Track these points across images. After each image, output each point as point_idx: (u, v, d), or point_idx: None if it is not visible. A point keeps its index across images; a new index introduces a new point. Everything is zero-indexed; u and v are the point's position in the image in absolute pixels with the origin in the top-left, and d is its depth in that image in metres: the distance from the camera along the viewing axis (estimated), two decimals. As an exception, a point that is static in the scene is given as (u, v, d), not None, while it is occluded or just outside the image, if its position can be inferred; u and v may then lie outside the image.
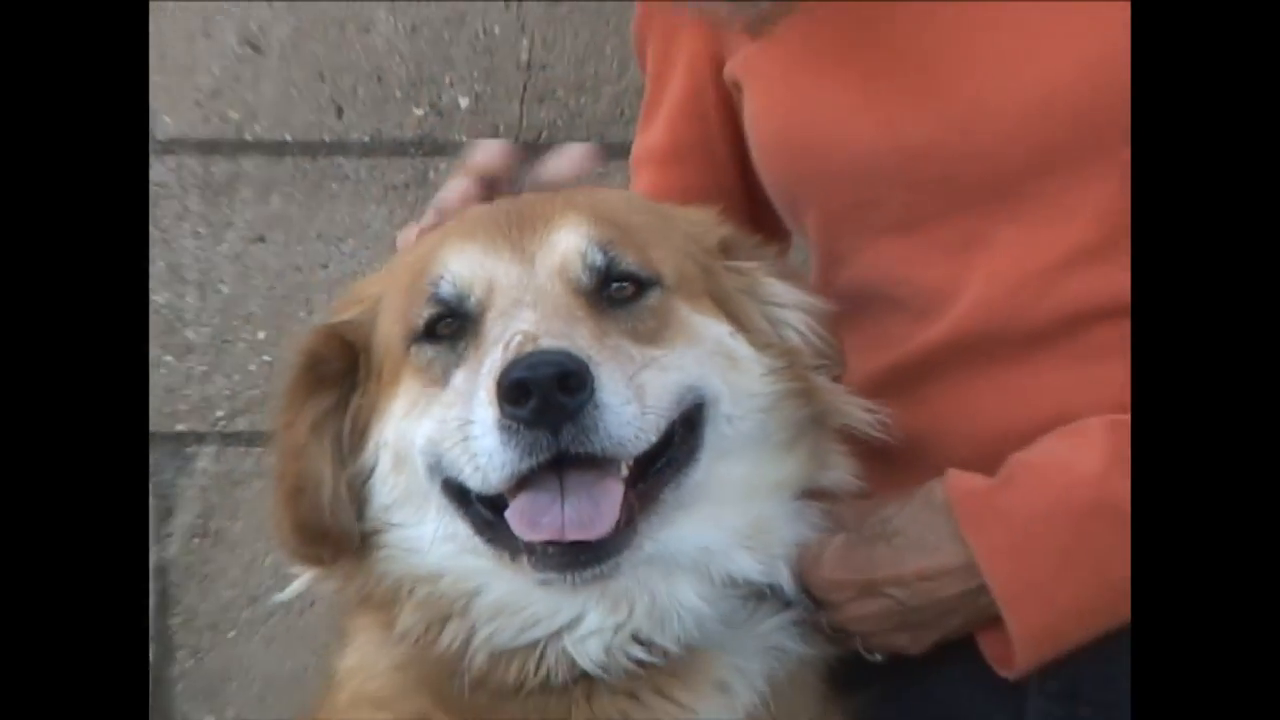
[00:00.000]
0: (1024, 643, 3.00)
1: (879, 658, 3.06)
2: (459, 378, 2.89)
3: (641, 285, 2.95)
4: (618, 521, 2.80)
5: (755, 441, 2.99)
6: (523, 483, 2.77)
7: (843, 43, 3.17)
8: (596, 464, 2.78)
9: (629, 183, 3.61)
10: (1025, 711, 3.07)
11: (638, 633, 2.89)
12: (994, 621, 2.99)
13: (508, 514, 2.80)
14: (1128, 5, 3.03)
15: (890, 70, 3.15)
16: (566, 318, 2.86)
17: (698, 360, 2.95)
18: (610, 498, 2.80)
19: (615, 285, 2.93)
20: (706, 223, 3.11)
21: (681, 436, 2.90)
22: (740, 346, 3.01)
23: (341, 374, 3.10)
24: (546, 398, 2.73)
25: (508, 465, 2.74)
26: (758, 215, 3.29)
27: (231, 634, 4.00)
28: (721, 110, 3.42)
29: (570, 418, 2.74)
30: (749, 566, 2.92)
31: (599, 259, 2.92)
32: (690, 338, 2.96)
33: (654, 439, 2.81)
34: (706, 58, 3.42)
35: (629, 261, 2.95)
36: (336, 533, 3.04)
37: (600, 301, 2.92)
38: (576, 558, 2.80)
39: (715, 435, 2.93)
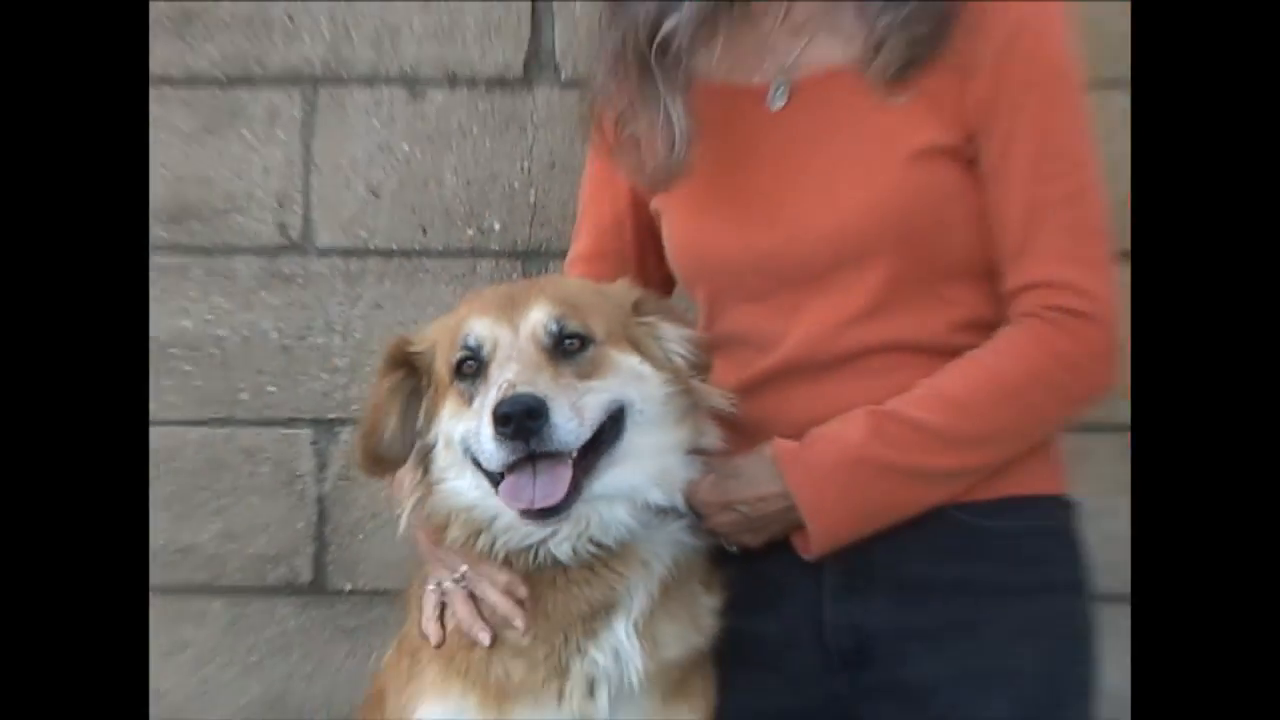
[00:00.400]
0: (816, 539, 3.08)
1: (734, 548, 3.16)
2: (476, 402, 3.02)
3: (584, 341, 3.04)
4: (568, 491, 2.94)
5: (658, 423, 3.09)
6: (511, 468, 2.95)
7: (719, 190, 3.19)
8: (554, 455, 2.93)
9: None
10: (822, 581, 3.15)
11: (592, 537, 3.05)
12: (800, 527, 3.09)
13: (498, 491, 3.01)
14: (885, 171, 3.15)
15: (746, 207, 3.20)
16: (535, 368, 2.99)
17: (620, 383, 3.06)
18: (562, 478, 2.94)
19: (567, 341, 3.03)
20: (625, 293, 3.19)
21: (609, 429, 3.03)
22: (646, 369, 3.10)
23: (404, 363, 3.21)
24: (519, 423, 2.88)
25: (498, 458, 2.94)
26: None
27: (360, 537, 4.05)
28: (633, 231, 3.46)
29: (534, 433, 2.89)
30: (658, 496, 3.08)
31: (554, 326, 3.03)
32: (615, 370, 3.07)
33: (589, 435, 2.98)
34: (627, 197, 3.45)
35: (574, 326, 3.04)
36: (389, 460, 3.22)
37: (557, 353, 3.03)
38: (543, 514, 2.96)
39: (633, 423, 3.06)
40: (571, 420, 2.94)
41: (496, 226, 4.06)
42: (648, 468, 3.08)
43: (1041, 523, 3.22)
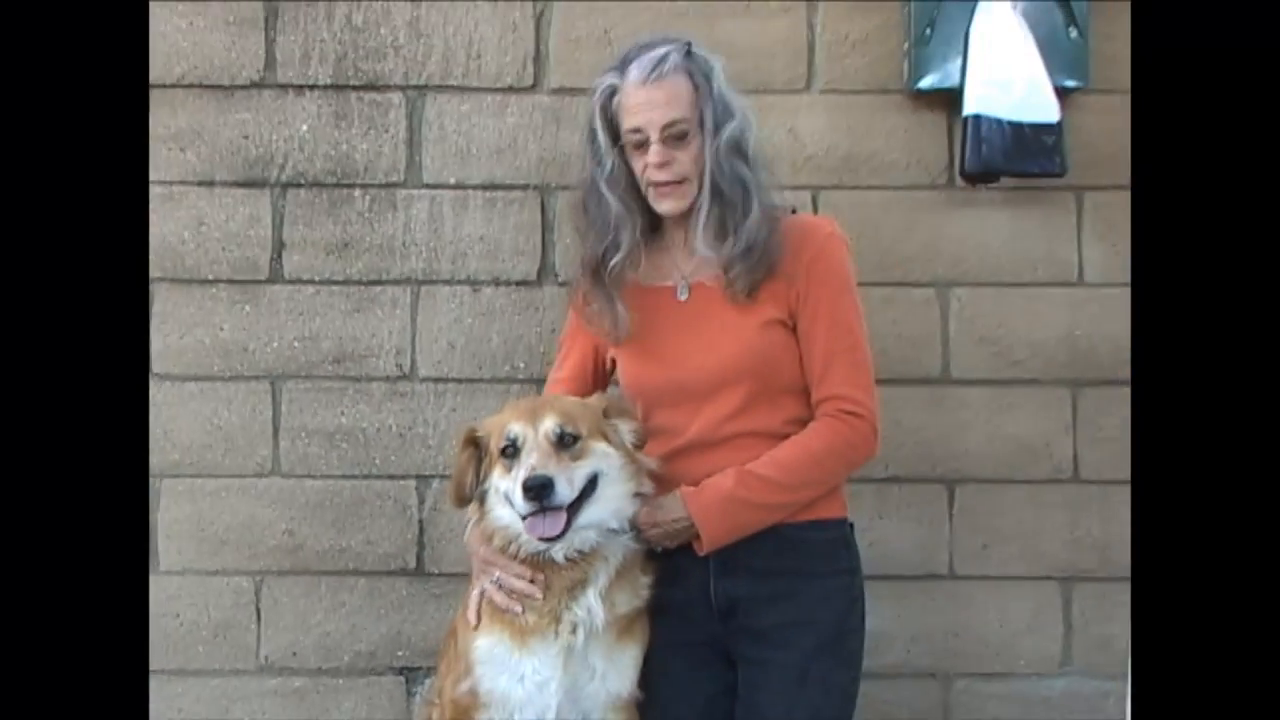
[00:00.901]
0: (706, 544, 3.13)
1: (659, 549, 3.19)
2: (513, 471, 3.03)
3: (575, 437, 3.06)
4: (563, 528, 2.99)
5: (617, 481, 3.11)
6: (532, 513, 2.97)
7: (651, 347, 3.20)
8: (556, 507, 2.97)
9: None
10: (709, 567, 3.17)
11: (575, 548, 3.07)
12: (697, 537, 3.12)
13: (524, 524, 3.01)
14: (745, 334, 3.17)
15: (666, 355, 3.21)
16: (546, 456, 3.01)
17: (596, 461, 3.07)
18: (560, 520, 2.98)
19: (565, 437, 3.05)
20: (599, 404, 3.19)
21: (589, 488, 3.05)
22: (611, 450, 3.10)
23: (473, 442, 3.16)
24: (536, 491, 2.94)
25: (525, 509, 2.98)
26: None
27: (443, 542, 3.90)
28: (593, 366, 3.39)
29: (545, 496, 2.94)
30: (616, 523, 3.11)
31: (557, 429, 3.04)
32: (593, 454, 3.07)
33: (576, 494, 3.01)
34: (592, 345, 3.40)
35: (570, 429, 3.05)
36: (468, 499, 3.17)
37: (560, 445, 3.04)
38: (550, 540, 3.00)
39: (603, 482, 3.08)
40: (566, 488, 3.00)
41: (521, 365, 4.01)
42: (611, 508, 3.11)
43: (833, 534, 3.27)
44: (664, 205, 3.21)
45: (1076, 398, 4.03)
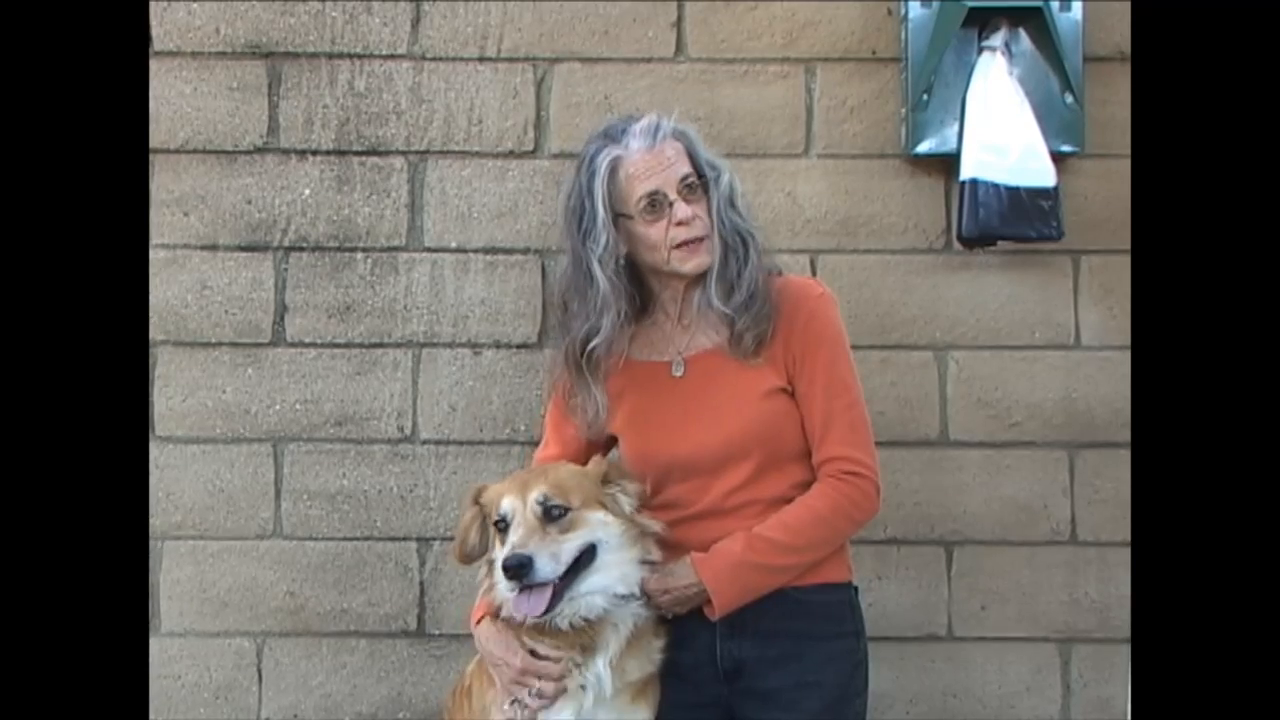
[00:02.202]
0: (719, 609, 3.15)
1: (670, 615, 3.20)
2: (505, 545, 3.03)
3: (564, 509, 3.05)
4: (549, 605, 2.99)
5: (620, 548, 3.11)
6: (518, 592, 3.00)
7: (651, 425, 3.27)
8: (539, 584, 2.98)
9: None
10: (716, 630, 3.20)
11: (582, 615, 3.08)
12: (708, 601, 3.14)
13: (508, 604, 3.07)
14: (747, 406, 3.22)
15: (668, 433, 3.25)
16: (530, 532, 3.02)
17: (590, 532, 3.08)
18: (543, 598, 2.99)
19: (553, 510, 3.05)
20: (597, 471, 3.18)
21: (585, 559, 3.06)
22: (609, 519, 3.11)
23: (478, 501, 3.18)
24: (514, 571, 2.96)
25: (508, 588, 3.02)
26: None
27: (443, 603, 3.95)
28: (585, 445, 3.37)
29: (526, 575, 2.96)
30: (623, 589, 3.11)
31: (544, 501, 3.04)
32: (586, 524, 3.08)
33: (563, 570, 3.02)
34: (573, 432, 3.39)
35: (556, 500, 3.05)
36: (468, 557, 3.20)
37: (548, 518, 3.04)
38: (538, 617, 3.00)
39: (603, 550, 3.09)
40: (549, 564, 3.00)
41: (522, 428, 4.04)
42: (615, 574, 3.11)
43: (838, 597, 3.31)
44: (691, 264, 3.21)
45: (1074, 459, 4.07)
